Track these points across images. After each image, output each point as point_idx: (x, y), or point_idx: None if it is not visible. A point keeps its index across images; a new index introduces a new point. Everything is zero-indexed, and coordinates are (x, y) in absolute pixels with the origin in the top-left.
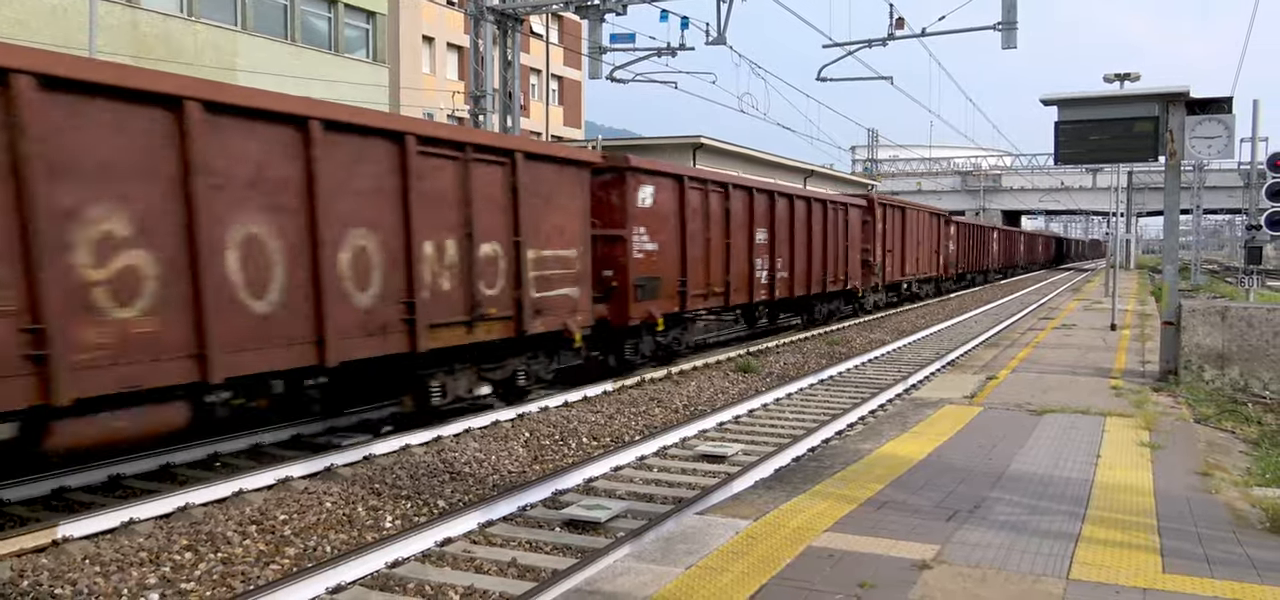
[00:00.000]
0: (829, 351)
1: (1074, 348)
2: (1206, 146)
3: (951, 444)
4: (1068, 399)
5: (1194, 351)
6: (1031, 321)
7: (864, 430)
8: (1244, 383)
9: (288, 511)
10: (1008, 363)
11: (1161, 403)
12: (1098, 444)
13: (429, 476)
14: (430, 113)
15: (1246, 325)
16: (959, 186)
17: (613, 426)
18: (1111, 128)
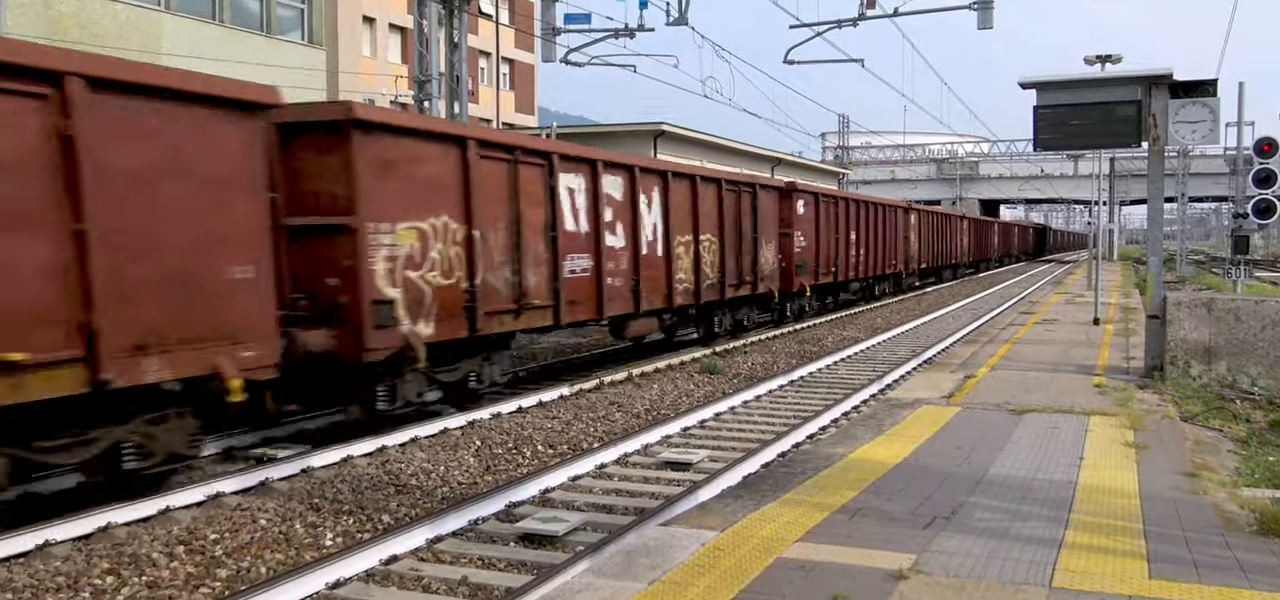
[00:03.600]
0: (799, 351)
1: (1056, 344)
2: (1191, 131)
3: (928, 447)
4: (1049, 398)
5: (1180, 346)
6: (1011, 316)
7: (837, 433)
8: (1232, 378)
9: (219, 530)
10: (987, 360)
11: (1147, 400)
12: (1081, 445)
13: (373, 489)
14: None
15: (1234, 318)
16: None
17: (570, 433)
18: (1092, 112)
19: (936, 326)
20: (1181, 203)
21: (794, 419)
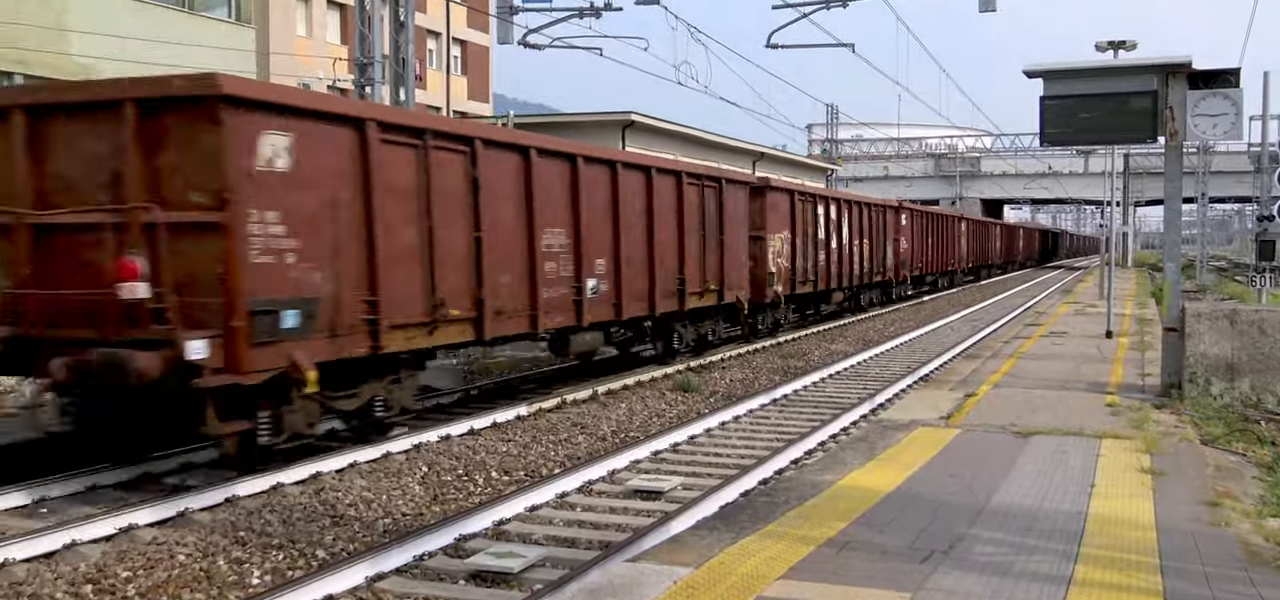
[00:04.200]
0: (783, 366)
1: (1064, 358)
2: (1211, 125)
3: (925, 473)
4: (1058, 419)
5: (1200, 362)
6: (1016, 328)
7: (824, 458)
8: (1256, 398)
9: (131, 567)
10: (989, 377)
11: (1164, 421)
12: (1092, 471)
13: (306, 521)
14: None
15: (1258, 332)
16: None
17: (528, 457)
18: (1104, 104)
19: (934, 339)
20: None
21: (777, 442)
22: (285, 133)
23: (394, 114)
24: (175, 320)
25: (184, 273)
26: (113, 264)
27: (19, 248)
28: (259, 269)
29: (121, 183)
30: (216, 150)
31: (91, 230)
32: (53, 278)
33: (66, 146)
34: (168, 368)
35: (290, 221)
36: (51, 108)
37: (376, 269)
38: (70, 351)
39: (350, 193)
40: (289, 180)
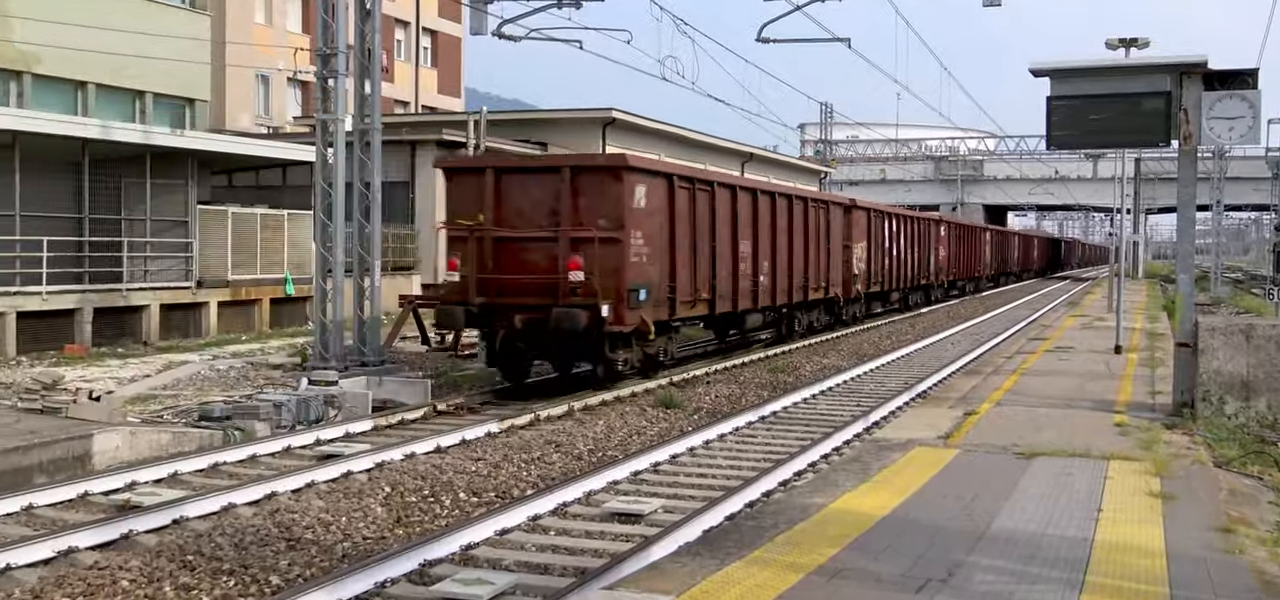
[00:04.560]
0: (772, 381)
1: (1071, 375)
2: (1228, 128)
3: (922, 496)
4: (1063, 439)
5: (1213, 379)
6: (1020, 342)
7: (815, 479)
8: (1273, 418)
9: (70, 593)
10: (990, 394)
11: (1175, 442)
12: (1099, 494)
13: (259, 545)
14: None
15: (1276, 348)
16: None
17: (498, 478)
18: (1115, 105)
19: (933, 354)
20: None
21: (764, 462)
22: (644, 184)
23: (681, 168)
24: (596, 293)
25: (599, 267)
26: (566, 260)
27: (484, 251)
28: (633, 265)
29: (558, 214)
30: (618, 196)
31: (540, 242)
32: (505, 269)
33: (520, 192)
34: (590, 321)
35: (645, 237)
36: (510, 169)
37: (675, 268)
38: (526, 312)
39: (663, 219)
40: (644, 212)
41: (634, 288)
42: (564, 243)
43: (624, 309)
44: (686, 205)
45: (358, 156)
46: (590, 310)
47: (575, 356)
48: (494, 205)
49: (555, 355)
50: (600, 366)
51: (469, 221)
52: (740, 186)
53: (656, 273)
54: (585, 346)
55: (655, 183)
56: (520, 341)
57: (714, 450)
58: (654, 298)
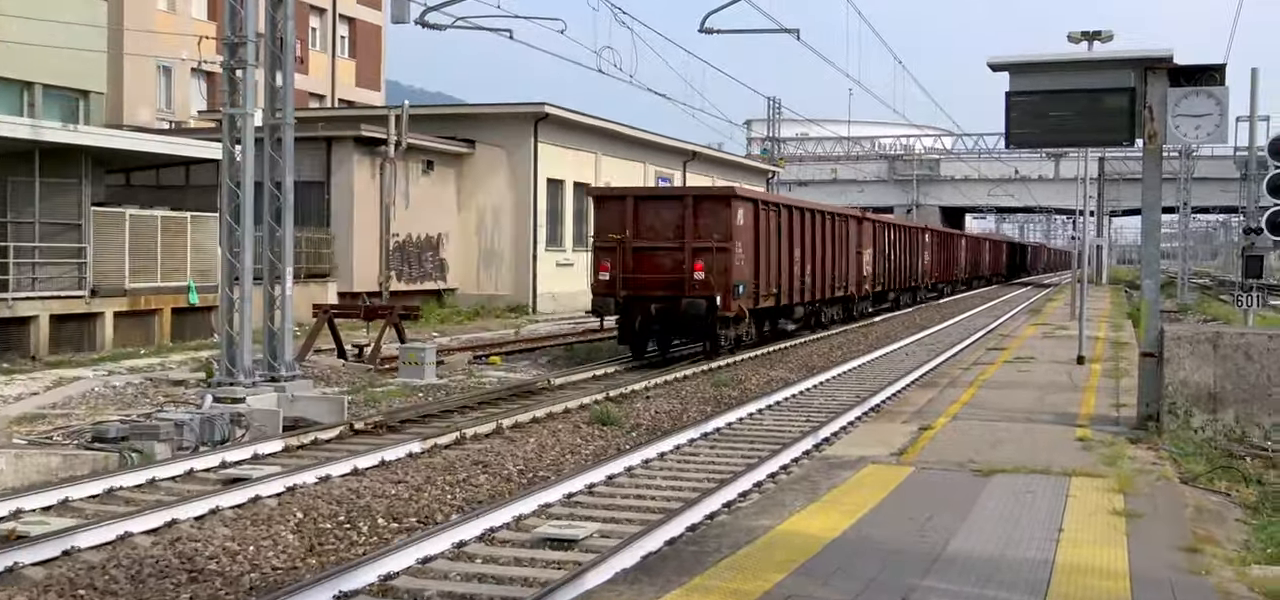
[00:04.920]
0: (715, 395)
1: (1031, 387)
2: (1194, 127)
3: (874, 517)
4: (1022, 455)
5: (1180, 391)
6: (978, 352)
7: (761, 500)
8: (1241, 431)
9: None
10: (947, 408)
11: (1140, 458)
12: (1060, 514)
13: (158, 577)
14: (168, 65)
15: (1244, 357)
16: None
17: (420, 501)
18: (1076, 101)
19: (887, 365)
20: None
21: (707, 482)
22: (743, 207)
23: (763, 195)
24: (712, 288)
25: (713, 268)
26: (691, 263)
27: (626, 257)
28: (736, 267)
29: (683, 230)
30: (727, 217)
31: (669, 250)
32: (642, 271)
33: (653, 213)
34: (707, 308)
35: (743, 247)
36: (645, 197)
37: (759, 270)
38: (659, 302)
39: (752, 235)
40: (742, 229)
41: (736, 284)
42: (688, 251)
43: (730, 299)
44: (765, 223)
45: (268, 154)
46: (708, 300)
47: (694, 335)
48: (633, 224)
49: (677, 334)
50: (709, 341)
51: (616, 236)
52: (794, 207)
53: (749, 273)
54: (701, 327)
55: (748, 206)
56: (655, 324)
57: (654, 470)
58: (747, 292)
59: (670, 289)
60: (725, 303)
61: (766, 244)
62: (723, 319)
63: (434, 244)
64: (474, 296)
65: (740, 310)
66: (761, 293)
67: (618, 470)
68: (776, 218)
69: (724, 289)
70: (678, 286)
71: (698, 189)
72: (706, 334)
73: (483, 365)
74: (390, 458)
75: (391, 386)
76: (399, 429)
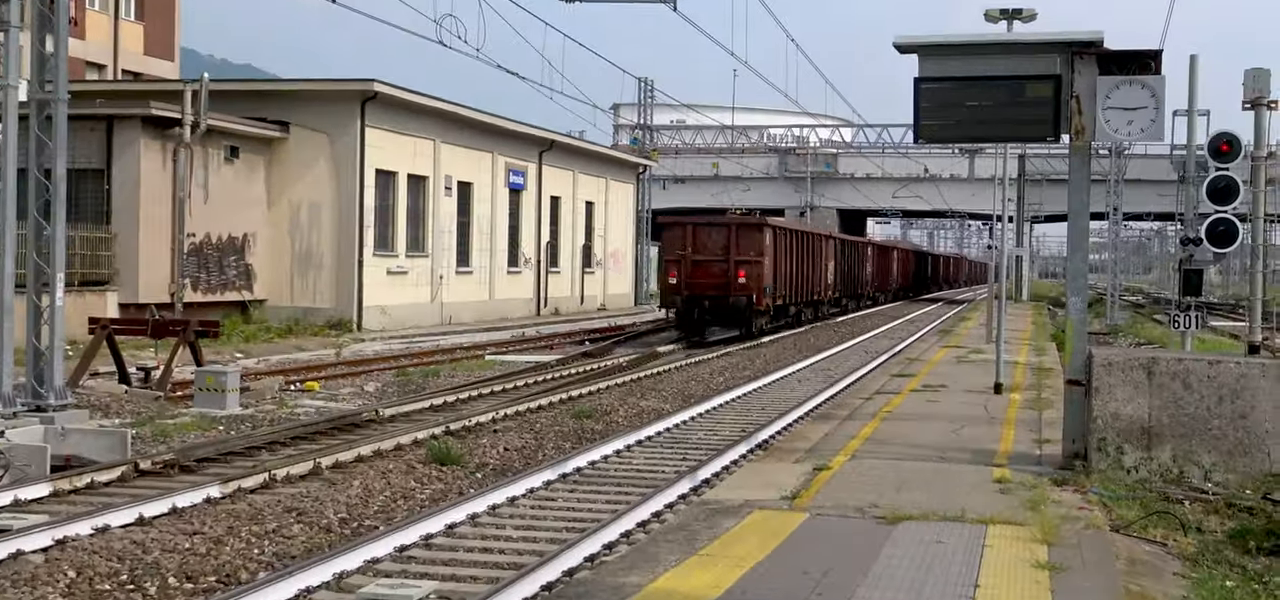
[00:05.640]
0: (576, 428)
1: (942, 420)
2: (1127, 121)
3: (761, 572)
4: (933, 499)
5: (1110, 425)
6: (882, 379)
7: (630, 553)
8: (1178, 470)
9: None
10: (846, 444)
11: (1065, 502)
12: (975, 567)
13: None
14: None
15: (1181, 386)
16: (776, 171)
17: (221, 557)
18: (995, 90)
19: (776, 395)
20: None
21: (567, 532)
22: (770, 232)
23: (780, 223)
24: (750, 289)
25: (751, 275)
26: (736, 271)
27: (687, 267)
28: (766, 274)
29: (728, 247)
30: (760, 239)
31: (719, 263)
32: (698, 276)
33: (706, 236)
34: (747, 305)
35: (769, 260)
36: (700, 224)
37: (777, 277)
38: (711, 299)
39: (774, 252)
40: (769, 246)
41: (767, 286)
42: (732, 263)
43: (762, 297)
44: (781, 243)
45: (35, 135)
46: (748, 298)
47: (733, 323)
48: (692, 243)
49: (722, 322)
50: (744, 327)
51: (681, 251)
52: (794, 230)
53: (772, 279)
54: (740, 317)
55: (771, 231)
56: (707, 316)
57: (503, 517)
58: (772, 293)
59: (719, 289)
60: (758, 299)
61: (783, 258)
62: (756, 311)
63: (238, 247)
64: (287, 310)
65: (767, 305)
66: (776, 293)
67: (460, 518)
68: (786, 239)
69: (758, 289)
70: (725, 288)
71: (739, 218)
72: (745, 322)
73: (297, 392)
74: (184, 504)
75: (185, 418)
76: (195, 469)
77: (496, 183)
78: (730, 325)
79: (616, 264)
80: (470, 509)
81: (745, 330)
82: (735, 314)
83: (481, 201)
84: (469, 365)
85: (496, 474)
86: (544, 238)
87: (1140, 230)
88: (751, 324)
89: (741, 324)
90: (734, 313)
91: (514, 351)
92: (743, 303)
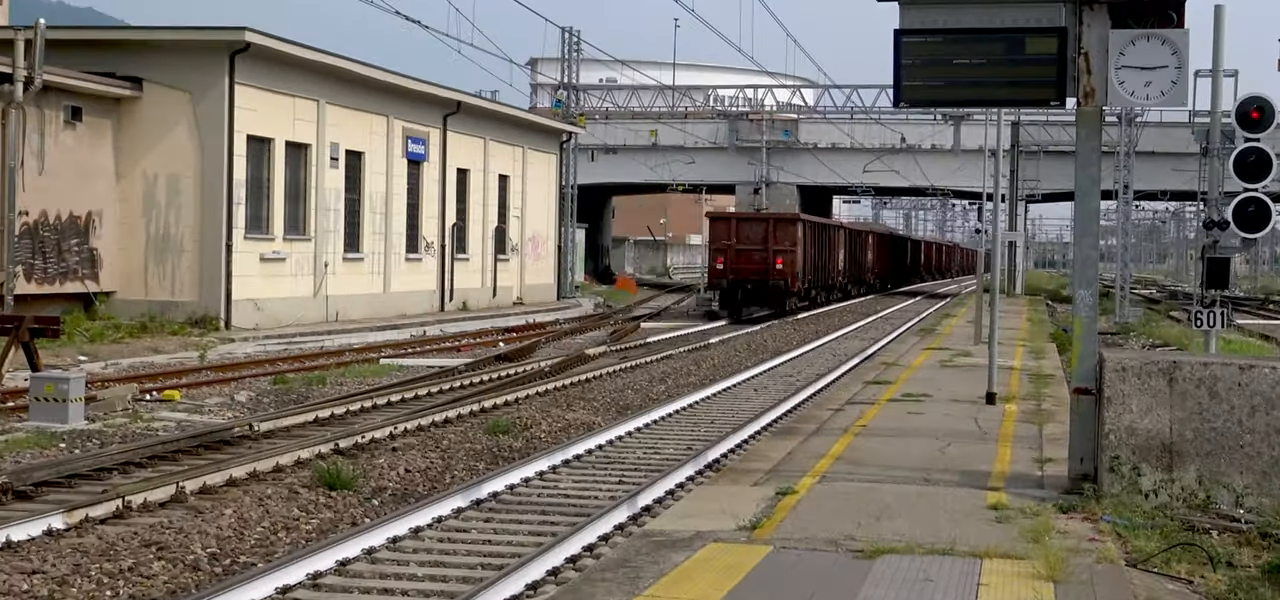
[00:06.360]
0: (491, 446)
1: (926, 435)
2: (1143, 83)
3: None
4: (917, 529)
5: (1124, 440)
6: (854, 386)
7: (559, 595)
8: (1205, 494)
9: None
10: (813, 464)
11: (1073, 532)
12: None
13: None
14: None
15: (1208, 395)
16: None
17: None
18: (990, 46)
19: (728, 405)
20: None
21: (481, 570)
22: (801, 225)
23: (810, 218)
24: (785, 275)
25: (785, 263)
26: (773, 260)
27: (731, 256)
28: (798, 262)
29: (766, 238)
30: (793, 231)
31: (759, 251)
32: (740, 263)
33: (747, 229)
34: (783, 288)
35: (801, 250)
36: (743, 219)
37: (808, 264)
38: (751, 283)
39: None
40: (800, 238)
41: (798, 271)
42: (770, 252)
43: (794, 281)
44: (808, 235)
45: None
46: (784, 282)
47: (771, 304)
48: (735, 235)
49: (760, 303)
50: (778, 308)
51: (726, 242)
52: (816, 223)
53: (803, 265)
54: (779, 299)
55: (802, 224)
56: (749, 299)
57: (405, 552)
58: (803, 277)
59: (759, 275)
60: (792, 284)
61: (811, 248)
62: (790, 293)
63: (82, 228)
64: (141, 304)
65: (800, 289)
66: (805, 278)
67: (354, 553)
68: (813, 230)
69: (792, 274)
70: (764, 273)
71: (776, 213)
72: (780, 303)
73: (154, 402)
74: (20, 537)
75: (20, 433)
76: (32, 495)
77: (393, 152)
78: (767, 305)
79: (536, 250)
80: (366, 542)
81: (779, 309)
82: (774, 295)
83: (375, 175)
84: (361, 370)
85: (397, 500)
86: (449, 219)
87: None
88: (785, 304)
89: (778, 304)
90: (773, 294)
91: (414, 354)
92: (780, 285)
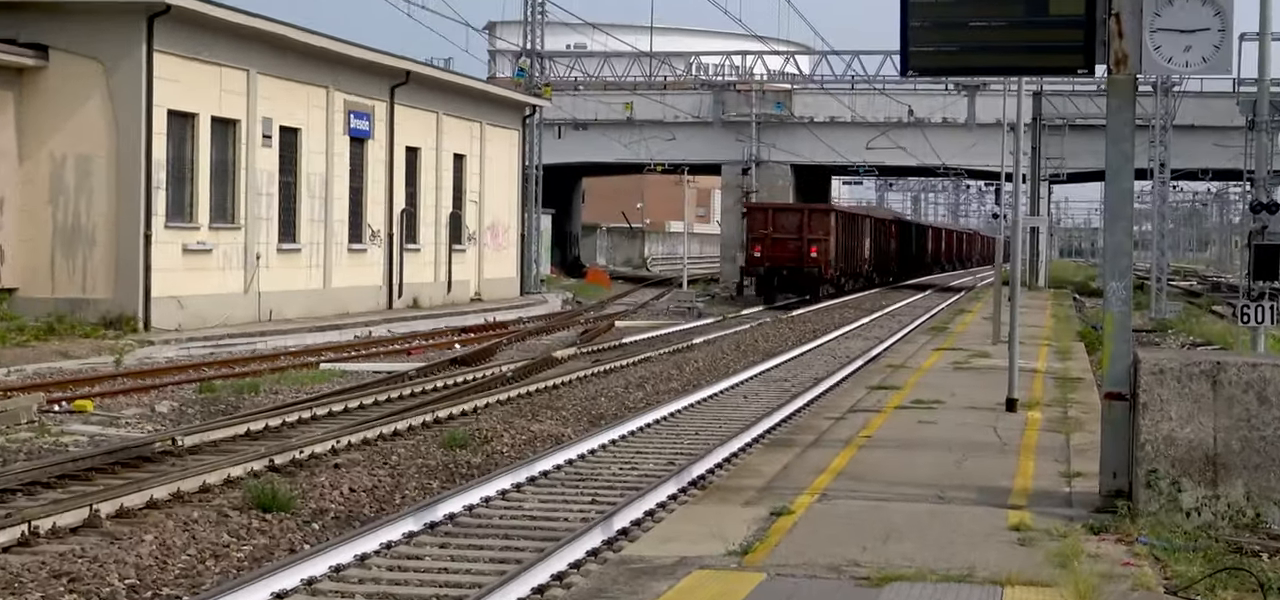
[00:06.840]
0: (446, 461)
1: (937, 447)
2: (1182, 48)
3: None
4: (930, 552)
5: (1163, 451)
6: (857, 392)
7: None
8: (1254, 512)
9: None
10: (812, 480)
11: (1105, 555)
12: None
13: None
14: None
15: (1257, 401)
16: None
17: None
18: (1008, 6)
19: (714, 412)
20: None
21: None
22: (834, 215)
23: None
24: (818, 262)
25: (820, 251)
26: (808, 248)
27: (768, 244)
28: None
29: (801, 228)
30: (826, 222)
31: (794, 240)
32: (776, 251)
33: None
34: (817, 275)
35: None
36: (778, 209)
37: (839, 252)
38: (786, 270)
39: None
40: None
41: (831, 259)
42: (805, 241)
43: (827, 268)
44: (839, 225)
45: None
46: (818, 269)
47: (803, 289)
48: (772, 224)
49: (794, 289)
50: (811, 294)
51: (764, 231)
52: (847, 213)
53: (835, 253)
54: (809, 285)
55: (835, 214)
56: (785, 285)
57: (350, 582)
58: (836, 265)
59: (794, 262)
60: (825, 271)
61: (843, 236)
62: (823, 280)
63: None
64: (47, 302)
65: (832, 275)
66: (836, 265)
67: (292, 584)
68: (846, 220)
69: (825, 262)
70: (799, 260)
71: (811, 205)
72: (814, 289)
73: (64, 414)
74: None
75: None
76: None
77: (333, 129)
78: (801, 291)
79: (496, 240)
80: (306, 571)
81: (812, 295)
82: (808, 281)
83: (313, 154)
84: (298, 376)
85: (340, 524)
86: (398, 205)
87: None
88: (818, 290)
89: (811, 289)
90: (807, 280)
91: (359, 358)
92: (814, 272)
